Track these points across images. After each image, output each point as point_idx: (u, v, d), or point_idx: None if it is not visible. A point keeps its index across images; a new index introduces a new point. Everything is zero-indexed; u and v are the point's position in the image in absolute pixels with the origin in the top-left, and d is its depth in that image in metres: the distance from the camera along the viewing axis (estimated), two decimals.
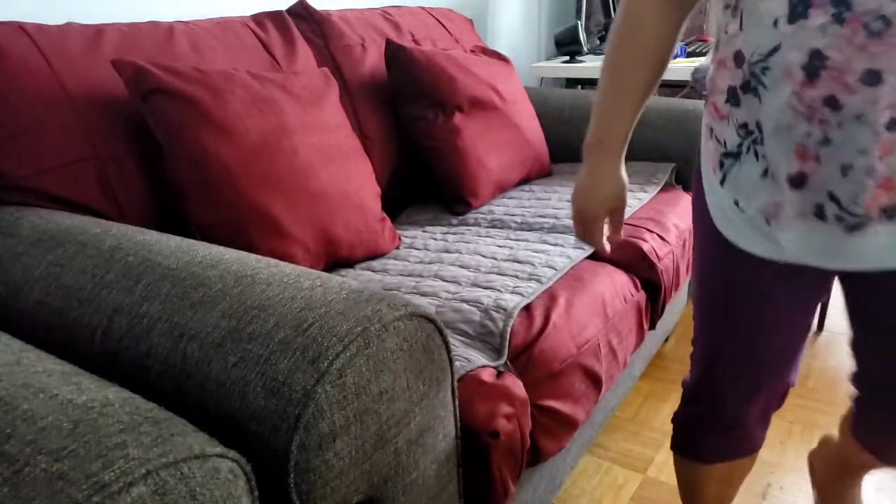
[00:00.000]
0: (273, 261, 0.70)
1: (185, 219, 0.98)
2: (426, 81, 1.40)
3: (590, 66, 1.94)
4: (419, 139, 1.44)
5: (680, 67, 1.80)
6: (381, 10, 1.61)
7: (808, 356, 1.70)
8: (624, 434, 1.40)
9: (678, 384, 1.59)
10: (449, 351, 0.68)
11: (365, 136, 1.41)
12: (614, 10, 2.15)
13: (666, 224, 1.31)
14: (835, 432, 1.38)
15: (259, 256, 0.71)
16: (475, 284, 1.00)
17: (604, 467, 1.30)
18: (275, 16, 1.36)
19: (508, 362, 0.85)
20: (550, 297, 0.97)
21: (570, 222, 1.27)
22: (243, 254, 0.71)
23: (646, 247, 1.18)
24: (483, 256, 1.12)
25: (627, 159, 1.68)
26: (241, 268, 0.66)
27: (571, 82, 2.10)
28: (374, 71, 1.46)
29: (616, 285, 1.09)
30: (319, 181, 1.05)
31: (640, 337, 1.14)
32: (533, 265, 1.07)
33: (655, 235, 1.25)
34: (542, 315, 0.92)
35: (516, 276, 1.03)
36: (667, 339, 1.79)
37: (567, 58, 1.98)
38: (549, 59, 2.07)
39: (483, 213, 1.38)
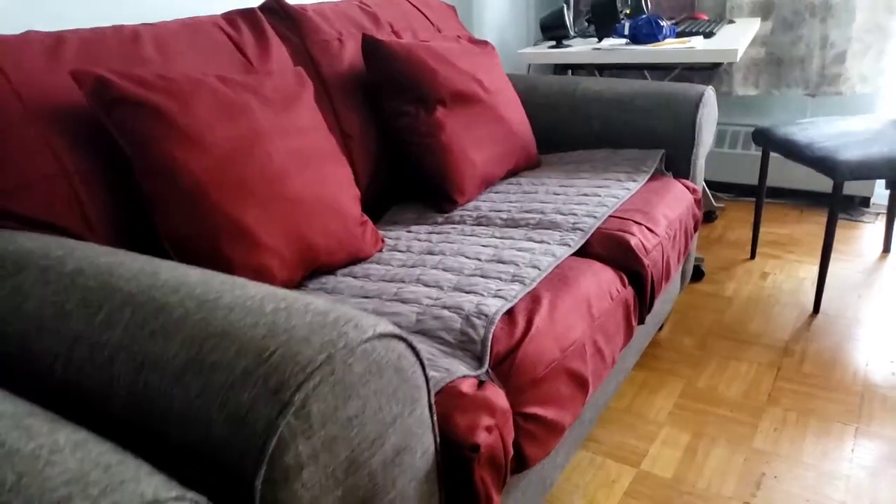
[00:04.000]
0: (240, 281, 0.68)
1: (158, 232, 0.96)
2: (406, 76, 1.37)
3: (577, 50, 1.90)
4: (401, 135, 1.42)
5: (670, 49, 1.76)
6: (359, 2, 1.57)
7: (803, 339, 1.69)
8: (618, 427, 1.39)
9: (672, 373, 1.57)
10: (423, 367, 0.66)
11: (345, 134, 1.39)
12: None
13: (654, 215, 1.29)
14: (836, 419, 1.37)
15: (225, 277, 0.69)
16: (457, 288, 0.98)
17: (597, 462, 1.29)
18: (247, 13, 1.32)
19: (490, 370, 0.83)
20: (534, 299, 0.95)
21: (556, 217, 1.25)
22: (208, 273, 0.69)
23: (633, 241, 1.16)
24: (467, 258, 1.10)
25: (615, 146, 1.65)
26: (204, 291, 0.64)
27: (561, 68, 2.06)
28: (353, 66, 1.43)
29: (602, 283, 1.07)
30: (295, 187, 1.03)
31: (629, 334, 1.12)
32: (517, 265, 1.05)
33: (644, 228, 1.23)
34: (525, 319, 0.90)
35: (499, 279, 1.00)
36: (661, 327, 1.78)
37: (553, 43, 1.94)
38: (536, 44, 2.03)
39: (469, 210, 1.36)
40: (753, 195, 2.78)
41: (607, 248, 1.16)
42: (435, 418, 0.69)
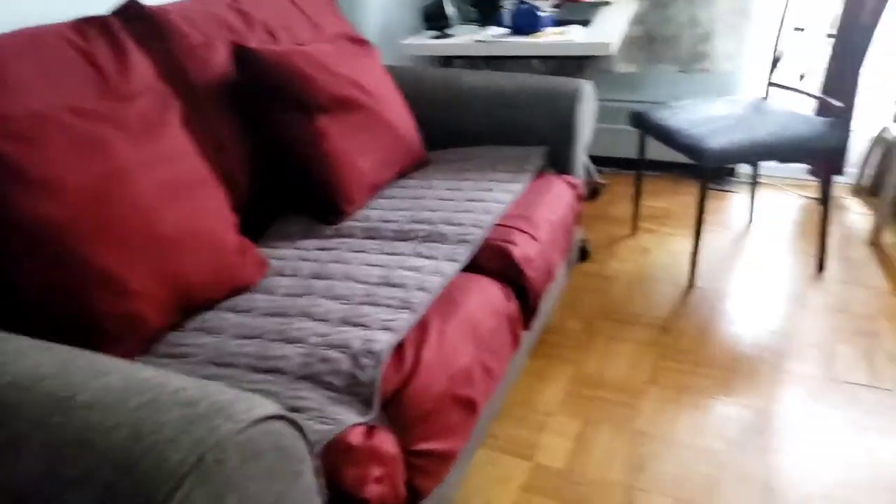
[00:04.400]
0: (100, 364, 0.64)
1: (13, 284, 0.88)
2: (282, 85, 1.31)
3: (458, 42, 1.89)
4: (283, 145, 1.37)
5: (548, 42, 1.79)
6: (229, 0, 1.48)
7: (680, 314, 1.81)
8: (512, 420, 1.44)
9: (563, 359, 1.65)
10: (305, 438, 0.65)
11: (220, 147, 1.32)
12: None
13: (536, 220, 1.32)
14: (707, 395, 1.48)
15: (83, 360, 0.64)
16: (346, 321, 0.97)
17: (492, 458, 1.34)
18: (97, 22, 1.21)
19: (379, 413, 0.84)
20: (422, 328, 0.96)
21: (444, 228, 1.26)
22: (65, 359, 0.65)
23: (516, 252, 1.19)
24: (356, 282, 1.09)
25: (500, 141, 1.67)
26: (61, 386, 0.60)
27: (448, 59, 2.04)
28: (225, 73, 1.35)
29: (487, 299, 1.09)
30: (164, 224, 0.97)
31: (516, 344, 1.16)
32: (406, 288, 1.05)
33: (526, 236, 1.26)
34: (413, 352, 0.91)
35: (388, 306, 1.00)
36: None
37: (437, 32, 1.92)
38: (419, 33, 1.99)
39: (359, 221, 1.34)
40: (635, 169, 2.92)
41: (492, 260, 1.19)
42: (321, 481, 0.69)
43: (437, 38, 1.90)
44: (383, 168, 1.46)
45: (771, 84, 2.13)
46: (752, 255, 2.11)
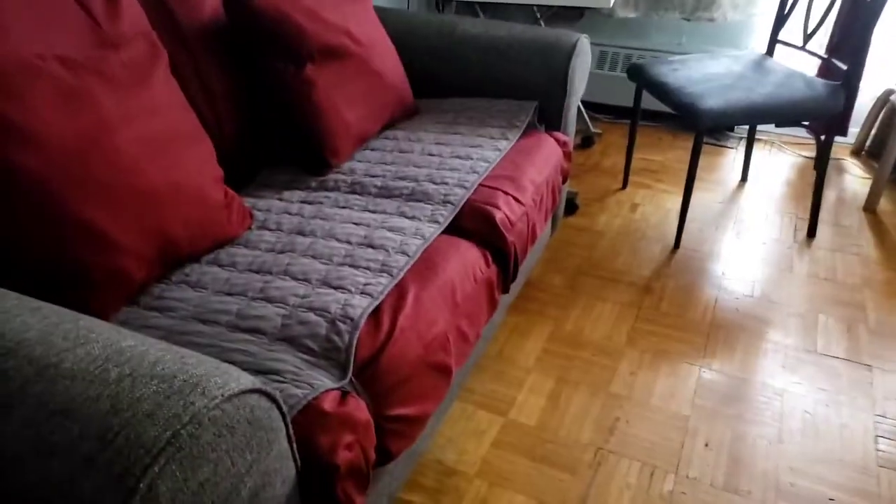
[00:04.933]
0: (84, 328, 0.66)
1: None
2: (270, 32, 1.28)
3: None
4: (270, 94, 1.35)
5: None
6: None
7: (663, 276, 1.84)
8: (489, 375, 1.49)
9: (542, 315, 1.68)
10: (280, 409, 0.68)
11: (210, 92, 1.30)
12: None
13: (522, 182, 1.32)
14: (683, 360, 1.53)
15: (69, 323, 0.66)
16: (326, 283, 0.99)
17: (468, 412, 1.39)
18: None
19: (353, 379, 0.86)
20: (399, 293, 0.98)
21: (428, 187, 1.26)
22: (49, 323, 0.66)
23: (498, 216, 1.20)
24: (338, 241, 1.10)
25: (493, 93, 1.65)
26: (44, 352, 0.62)
27: (444, 2, 1.98)
28: (216, 16, 1.32)
29: (467, 264, 1.11)
30: (148, 178, 0.97)
31: (493, 308, 1.18)
32: (386, 251, 1.06)
33: (510, 198, 1.27)
34: (390, 319, 0.93)
35: (368, 269, 1.02)
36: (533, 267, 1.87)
37: None
38: None
39: (343, 174, 1.34)
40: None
41: (474, 223, 1.20)
42: (294, 446, 0.72)
43: None
44: (371, 119, 1.44)
45: (776, 41, 2.08)
46: (743, 216, 2.12)
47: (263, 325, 0.90)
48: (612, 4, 1.67)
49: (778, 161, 2.50)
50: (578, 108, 2.64)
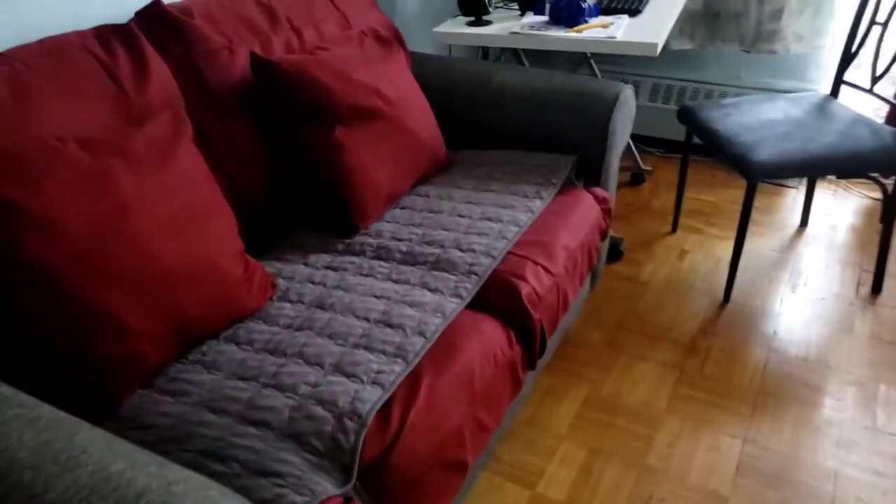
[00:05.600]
0: (77, 450, 0.65)
1: (11, 317, 0.90)
2: (299, 96, 1.27)
3: (492, 33, 1.76)
4: (299, 156, 1.34)
5: (588, 39, 1.67)
6: None
7: (711, 332, 1.74)
8: (519, 443, 1.43)
9: (579, 376, 1.62)
10: None
11: (238, 154, 1.30)
12: None
13: (553, 248, 1.27)
14: (726, 432, 1.43)
15: (63, 444, 0.65)
16: (338, 369, 0.96)
17: (495, 484, 1.34)
18: (120, 30, 1.19)
19: (357, 483, 0.83)
20: (413, 382, 0.95)
21: (454, 254, 1.22)
22: (43, 441, 0.66)
23: (525, 291, 1.15)
24: (356, 318, 1.07)
25: (530, 145, 1.60)
26: (33, 479, 0.62)
27: (486, 49, 1.94)
28: (246, 77, 1.32)
29: (488, 346, 1.06)
30: (166, 260, 0.97)
31: (517, 389, 1.13)
32: (404, 332, 1.03)
33: (539, 268, 1.22)
34: (400, 413, 0.90)
35: (383, 353, 0.99)
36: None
37: (473, 19, 1.83)
38: (454, 17, 1.90)
39: (371, 236, 1.32)
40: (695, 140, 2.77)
41: (499, 296, 1.15)
42: None
43: (473, 24, 1.81)
44: (402, 177, 1.42)
45: (842, 81, 1.96)
46: (801, 266, 2.00)
47: (271, 418, 0.89)
48: (658, 53, 1.59)
49: (843, 204, 2.35)
50: (628, 143, 2.55)
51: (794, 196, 2.40)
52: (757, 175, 1.62)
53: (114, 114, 1.10)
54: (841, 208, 2.31)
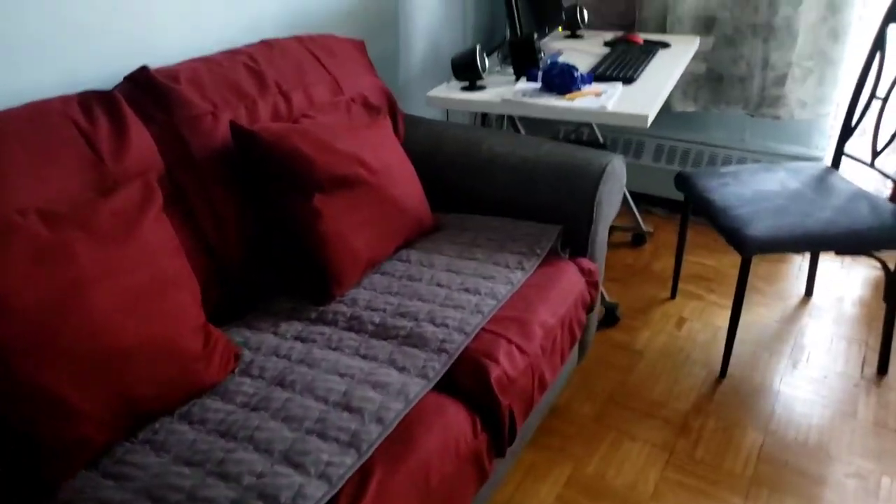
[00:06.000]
0: None
1: None
2: (279, 165, 1.27)
3: (484, 99, 1.72)
4: (277, 221, 1.33)
5: (579, 108, 1.65)
6: (246, 55, 1.44)
7: (705, 410, 1.67)
8: None
9: (564, 453, 1.55)
10: None
11: (217, 217, 1.29)
12: (542, 22, 1.97)
13: (530, 326, 1.23)
14: None
15: None
16: (287, 458, 0.92)
17: None
18: (104, 98, 1.20)
19: None
20: (363, 477, 0.90)
21: (427, 329, 1.18)
22: None
23: (495, 374, 1.10)
24: (315, 399, 1.04)
25: (518, 213, 1.57)
26: None
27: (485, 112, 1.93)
28: (228, 142, 1.32)
29: (450, 435, 1.01)
30: (121, 338, 0.94)
31: (482, 480, 1.08)
32: (362, 417, 0.99)
33: (514, 348, 1.17)
34: None
35: (336, 440, 0.95)
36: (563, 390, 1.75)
37: (466, 84, 1.82)
38: (449, 82, 1.90)
39: (346, 304, 1.29)
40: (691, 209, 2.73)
41: (467, 377, 1.11)
42: None
43: (467, 89, 1.81)
44: (383, 243, 1.39)
45: (843, 153, 1.92)
46: (803, 340, 1.93)
47: None
48: (648, 125, 1.57)
49: (850, 274, 2.28)
50: (629, 204, 2.52)
51: (798, 263, 2.34)
52: (751, 250, 1.57)
53: (86, 183, 1.09)
54: (848, 279, 2.24)
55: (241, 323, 1.28)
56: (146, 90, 1.25)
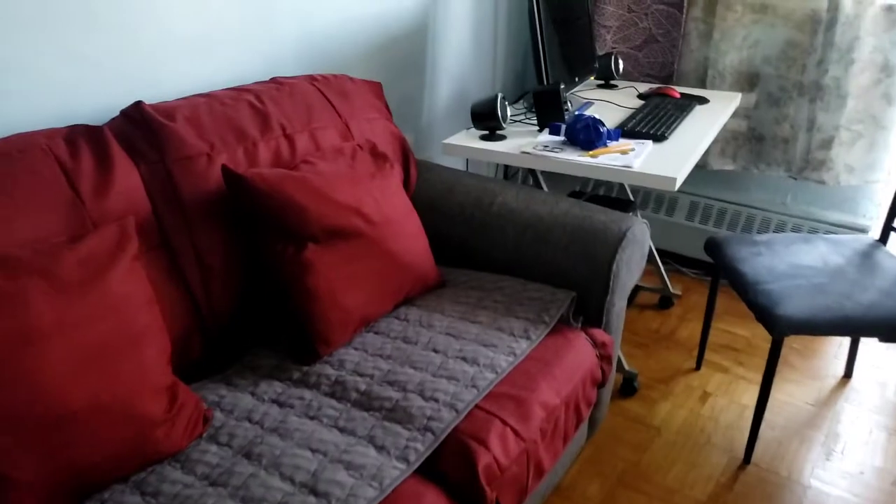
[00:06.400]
0: None
1: None
2: (270, 213, 1.19)
3: (503, 150, 1.62)
4: (267, 272, 1.25)
5: (603, 167, 1.55)
6: (253, 94, 1.39)
7: (723, 502, 1.52)
8: None
9: None
10: None
11: (204, 266, 1.22)
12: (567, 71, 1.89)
13: (530, 406, 1.12)
14: None
15: None
16: None
17: None
18: (92, 133, 1.15)
19: None
20: None
21: (415, 402, 1.09)
22: None
23: (483, 461, 1.00)
24: (280, 477, 0.94)
25: (527, 274, 1.47)
26: None
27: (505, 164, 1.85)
28: (220, 189, 1.25)
29: None
30: (70, 399, 0.87)
31: None
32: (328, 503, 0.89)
33: (508, 430, 1.07)
34: None
35: None
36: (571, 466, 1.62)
37: (486, 132, 1.75)
38: (468, 129, 1.82)
39: (332, 366, 1.20)
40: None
41: (452, 464, 1.00)
42: None
43: (486, 138, 1.73)
44: (379, 300, 1.31)
45: (891, 227, 1.77)
46: (839, 428, 1.77)
47: None
48: (676, 188, 1.47)
49: (891, 352, 2.10)
50: (657, 265, 2.39)
51: (839, 340, 2.17)
52: (782, 332, 1.44)
53: (60, 224, 1.03)
54: (892, 360, 2.07)
55: (221, 378, 1.20)
56: (139, 126, 1.20)
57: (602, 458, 1.66)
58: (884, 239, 1.78)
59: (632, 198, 2.28)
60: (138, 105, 1.22)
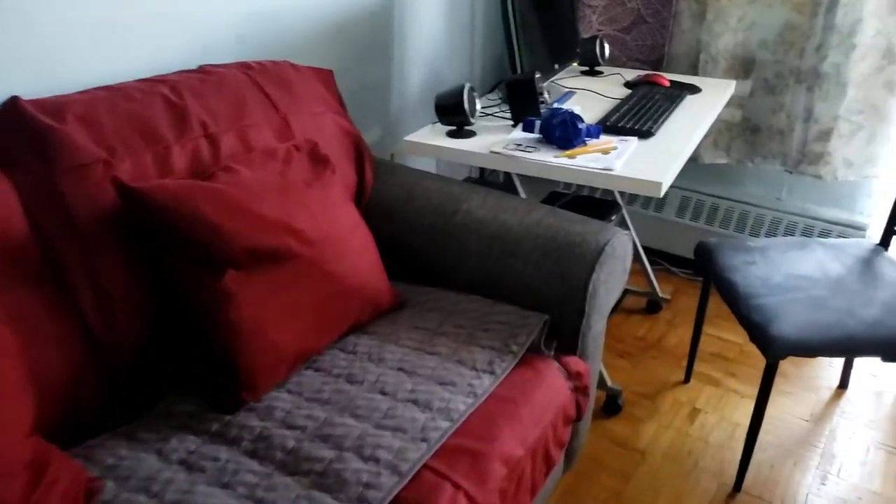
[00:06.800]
0: None
1: None
2: (178, 235, 1.00)
3: (467, 149, 1.43)
4: (179, 302, 1.06)
5: (582, 169, 1.37)
6: (169, 86, 1.18)
7: None
8: None
9: None
10: None
11: (103, 295, 1.03)
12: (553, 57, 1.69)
13: (489, 461, 0.95)
14: None
15: None
16: None
17: None
18: None
19: None
20: None
21: (351, 464, 0.91)
22: None
23: None
24: None
25: (494, 292, 1.29)
26: None
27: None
28: (119, 204, 1.05)
29: None
30: None
31: None
32: None
33: (462, 495, 0.89)
34: None
35: None
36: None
37: (453, 128, 1.55)
38: (434, 123, 1.62)
39: (257, 415, 1.01)
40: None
41: None
42: None
43: (454, 134, 1.54)
44: (318, 332, 1.12)
45: (894, 232, 1.61)
46: (834, 447, 1.62)
47: None
48: (662, 194, 1.29)
49: (893, 365, 1.95)
50: (644, 267, 2.22)
51: None
52: (776, 355, 1.27)
53: None
54: (889, 370, 1.92)
55: (124, 431, 1.01)
56: (16, 129, 0.99)
57: (582, 488, 1.50)
58: (885, 243, 1.62)
59: (618, 200, 2.10)
60: (14, 101, 1.01)
